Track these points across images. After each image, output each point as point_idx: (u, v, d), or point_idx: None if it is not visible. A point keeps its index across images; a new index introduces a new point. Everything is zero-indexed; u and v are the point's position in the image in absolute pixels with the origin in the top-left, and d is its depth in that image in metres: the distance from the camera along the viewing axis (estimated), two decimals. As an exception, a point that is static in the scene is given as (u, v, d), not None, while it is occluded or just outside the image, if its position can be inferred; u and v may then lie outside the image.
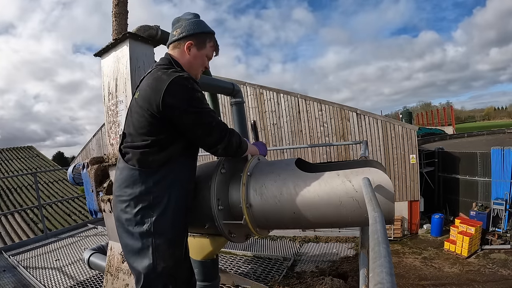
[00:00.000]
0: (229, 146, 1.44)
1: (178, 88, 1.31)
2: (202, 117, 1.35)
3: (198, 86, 1.38)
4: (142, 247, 1.34)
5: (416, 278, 10.17)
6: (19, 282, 3.46)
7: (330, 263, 3.18)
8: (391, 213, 1.24)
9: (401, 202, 13.04)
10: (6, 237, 6.83)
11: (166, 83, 1.29)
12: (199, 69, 1.57)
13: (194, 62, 1.52)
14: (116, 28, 2.29)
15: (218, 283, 2.05)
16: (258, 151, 1.73)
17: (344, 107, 13.56)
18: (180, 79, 1.32)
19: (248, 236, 1.77)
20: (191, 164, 1.51)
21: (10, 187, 10.60)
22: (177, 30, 1.51)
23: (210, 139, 1.40)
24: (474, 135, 24.11)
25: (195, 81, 1.39)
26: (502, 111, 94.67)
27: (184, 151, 1.43)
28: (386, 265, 0.49)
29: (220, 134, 1.40)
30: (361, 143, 3.18)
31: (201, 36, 1.51)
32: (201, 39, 1.51)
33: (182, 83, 1.32)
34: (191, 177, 1.51)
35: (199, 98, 1.35)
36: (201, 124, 1.36)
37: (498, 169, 12.42)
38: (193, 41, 1.49)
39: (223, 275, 2.65)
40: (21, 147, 15.96)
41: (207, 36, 1.53)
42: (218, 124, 1.39)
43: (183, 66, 1.49)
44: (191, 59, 1.51)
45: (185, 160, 1.45)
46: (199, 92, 1.36)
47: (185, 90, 1.33)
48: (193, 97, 1.34)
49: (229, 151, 1.47)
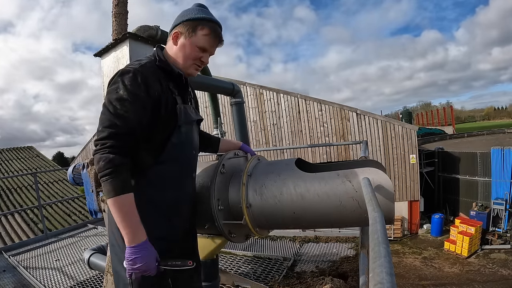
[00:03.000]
0: (95, 161, 1.13)
1: (112, 79, 1.21)
2: (105, 115, 1.16)
3: (143, 83, 1.18)
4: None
5: (416, 278, 10.18)
6: (19, 283, 3.46)
7: (330, 263, 3.18)
8: (391, 213, 1.24)
9: (401, 202, 13.04)
10: (6, 237, 6.82)
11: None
12: (188, 61, 1.34)
13: (181, 52, 1.32)
14: (116, 28, 2.29)
15: (218, 283, 2.05)
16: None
17: (344, 107, 13.56)
18: (123, 70, 1.20)
19: (248, 236, 1.77)
20: (165, 170, 1.30)
21: (10, 187, 10.59)
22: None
23: (96, 140, 1.14)
24: (474, 135, 24.11)
25: (142, 76, 1.19)
26: (502, 111, 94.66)
27: (149, 155, 1.26)
28: (386, 265, 0.49)
29: (101, 144, 1.12)
30: (361, 143, 3.18)
31: (189, 23, 1.30)
32: (189, 27, 1.30)
33: (120, 74, 1.19)
34: (167, 185, 1.31)
35: (120, 96, 1.15)
36: (100, 120, 1.17)
37: (498, 169, 12.42)
38: (180, 30, 1.31)
39: (223, 275, 2.66)
40: (21, 147, 15.96)
41: (198, 22, 1.30)
42: (109, 134, 1.12)
43: (170, 59, 1.34)
44: (177, 50, 1.33)
45: (156, 165, 1.27)
46: (129, 89, 1.16)
47: (114, 83, 1.19)
48: (115, 90, 1.17)
49: (95, 165, 1.14)
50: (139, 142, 1.21)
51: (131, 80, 1.18)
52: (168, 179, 1.32)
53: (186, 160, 1.40)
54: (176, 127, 1.30)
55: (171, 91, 1.31)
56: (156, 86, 1.24)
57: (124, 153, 1.13)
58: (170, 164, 1.31)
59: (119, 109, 1.14)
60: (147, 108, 1.20)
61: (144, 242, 1.12)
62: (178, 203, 1.36)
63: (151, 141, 1.25)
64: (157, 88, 1.24)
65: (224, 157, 1.64)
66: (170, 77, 1.32)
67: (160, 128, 1.26)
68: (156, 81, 1.25)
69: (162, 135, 1.28)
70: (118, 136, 1.13)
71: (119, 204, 1.10)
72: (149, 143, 1.25)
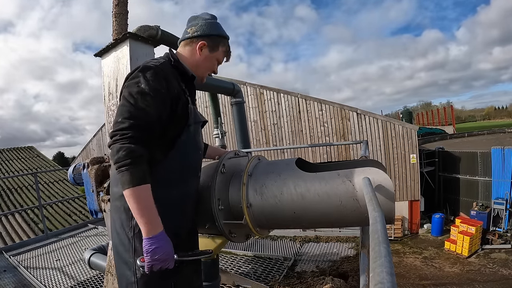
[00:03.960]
0: (112, 151, 1.12)
1: (131, 74, 1.25)
2: (125, 106, 1.17)
3: (164, 80, 1.23)
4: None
5: (416, 277, 10.18)
6: (20, 282, 3.46)
7: (331, 262, 3.18)
8: (391, 213, 1.24)
9: (402, 202, 13.04)
10: (7, 237, 6.82)
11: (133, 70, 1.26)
12: (206, 71, 1.48)
13: (203, 63, 1.44)
14: (116, 28, 2.29)
15: (219, 283, 2.06)
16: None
17: (345, 107, 13.56)
18: (144, 66, 1.24)
19: (249, 236, 1.77)
20: (175, 160, 1.31)
21: (11, 187, 10.59)
22: (192, 28, 1.44)
23: (115, 131, 1.14)
24: (474, 135, 24.09)
25: (163, 73, 1.25)
26: (503, 111, 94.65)
27: (163, 148, 1.27)
28: (386, 264, 0.49)
29: (120, 134, 1.12)
30: (361, 143, 3.17)
31: (215, 39, 1.44)
32: (215, 42, 1.44)
33: (141, 69, 1.23)
34: (176, 175, 1.33)
35: (142, 90, 1.18)
36: (119, 111, 1.18)
37: (499, 168, 12.41)
38: (207, 42, 1.41)
39: (223, 275, 2.66)
40: (21, 147, 15.96)
41: (222, 40, 1.46)
42: (130, 125, 1.13)
43: (188, 64, 1.41)
44: (201, 60, 1.43)
45: (167, 157, 1.29)
46: (151, 84, 1.19)
47: (134, 77, 1.22)
48: (136, 83, 1.20)
49: (111, 155, 1.14)
50: (155, 138, 1.22)
51: (153, 76, 1.21)
52: (176, 177, 1.33)
53: (193, 158, 1.43)
54: (186, 126, 1.33)
55: (184, 91, 1.35)
56: (175, 84, 1.28)
57: (144, 144, 1.13)
58: (179, 161, 1.33)
59: (140, 102, 1.16)
60: (167, 104, 1.23)
61: (161, 232, 1.13)
62: (183, 202, 1.37)
63: (163, 137, 1.27)
64: (176, 86, 1.28)
65: (225, 156, 1.65)
66: (183, 78, 1.37)
67: (174, 125, 1.29)
68: (174, 80, 1.29)
69: (174, 132, 1.30)
70: (139, 127, 1.13)
71: (138, 195, 1.09)
72: (161, 139, 1.26)
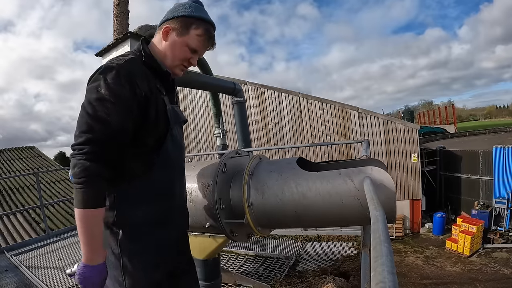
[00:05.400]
0: (72, 166, 1.01)
1: (93, 76, 1.08)
2: (83, 117, 1.03)
3: (127, 82, 1.07)
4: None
5: (418, 277, 10.16)
6: (21, 282, 3.47)
7: (332, 262, 3.18)
8: (392, 212, 1.24)
9: (403, 201, 13.01)
10: (8, 237, 6.84)
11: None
12: (177, 61, 1.24)
13: (170, 51, 1.22)
14: (117, 27, 2.30)
15: (220, 282, 2.06)
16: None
17: (346, 106, 13.54)
18: (105, 66, 1.09)
19: (250, 235, 1.78)
20: (152, 175, 1.19)
21: (12, 187, 10.62)
22: None
23: (73, 146, 1.03)
24: (476, 134, 24.03)
25: (127, 73, 1.08)
26: (504, 110, 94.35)
27: (138, 162, 1.16)
28: (387, 264, 0.49)
29: (78, 149, 1.00)
30: (362, 142, 3.17)
31: (185, 21, 1.20)
32: (182, 24, 1.20)
33: (101, 71, 1.07)
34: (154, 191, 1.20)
35: (101, 96, 1.03)
36: (77, 123, 1.04)
37: (500, 167, 12.38)
38: (173, 25, 1.20)
39: (225, 274, 2.66)
40: (22, 147, 15.98)
41: (195, 21, 1.20)
42: (86, 140, 1.00)
43: (158, 56, 1.23)
44: (167, 47, 1.21)
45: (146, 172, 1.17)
46: (112, 88, 1.04)
47: (94, 81, 1.07)
48: (95, 88, 1.05)
49: (71, 169, 1.02)
50: (125, 149, 1.09)
51: (114, 78, 1.05)
52: (163, 187, 1.23)
53: (179, 162, 1.34)
54: (168, 130, 1.21)
55: (159, 91, 1.20)
56: (144, 85, 1.12)
57: (102, 161, 1.01)
58: (165, 170, 1.22)
59: (99, 111, 1.02)
60: (133, 110, 1.08)
61: (100, 265, 1.05)
62: (171, 213, 1.28)
63: (142, 146, 1.15)
64: (145, 88, 1.12)
65: (226, 156, 1.65)
66: (156, 75, 1.21)
67: (150, 131, 1.16)
68: (144, 80, 1.13)
69: (154, 139, 1.17)
70: (96, 142, 1.01)
71: (86, 218, 1.01)
72: (140, 148, 1.15)
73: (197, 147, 16.27)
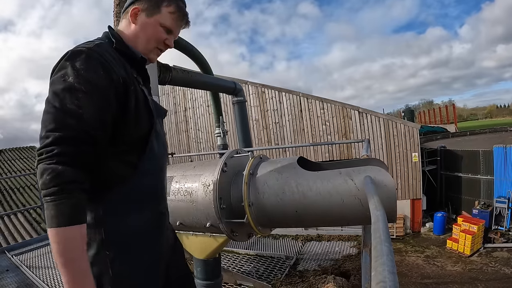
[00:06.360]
0: (39, 174, 0.80)
1: (58, 65, 0.90)
2: (49, 113, 0.84)
3: (101, 66, 0.89)
4: None
5: (418, 276, 10.16)
6: (22, 282, 3.48)
7: (333, 261, 3.18)
8: (393, 212, 1.24)
9: (404, 201, 13.00)
10: (9, 237, 6.86)
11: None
12: (152, 44, 1.10)
13: (142, 33, 1.08)
14: (117, 27, 2.29)
15: (221, 282, 2.06)
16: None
17: (346, 106, 13.54)
18: (73, 51, 0.90)
19: (250, 235, 1.78)
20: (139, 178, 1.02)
21: (13, 187, 10.64)
22: None
23: (38, 150, 0.83)
24: (476, 133, 24.01)
25: (101, 57, 0.91)
26: (505, 109, 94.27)
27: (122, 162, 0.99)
28: (388, 263, 0.49)
29: (45, 153, 0.80)
30: (363, 142, 3.17)
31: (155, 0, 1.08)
32: (152, 2, 1.07)
33: (68, 56, 0.89)
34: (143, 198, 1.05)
35: (70, 85, 0.85)
36: (42, 123, 0.85)
37: (501, 167, 12.37)
38: (141, 6, 1.07)
39: (225, 273, 2.66)
40: (23, 147, 16.00)
41: None
42: (55, 139, 0.81)
43: (128, 41, 1.08)
44: (138, 30, 1.08)
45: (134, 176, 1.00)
46: (84, 75, 0.86)
47: (60, 69, 0.88)
48: (61, 77, 0.86)
49: (39, 178, 0.80)
50: (103, 148, 0.90)
51: (85, 63, 0.88)
52: (151, 192, 1.09)
53: (164, 161, 1.18)
54: (152, 125, 1.05)
55: (137, 80, 1.06)
56: (121, 71, 0.96)
57: (76, 165, 0.81)
58: (152, 171, 1.07)
59: (68, 103, 0.83)
60: (110, 99, 0.90)
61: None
62: (163, 221, 1.17)
63: (122, 144, 0.98)
64: (122, 73, 0.96)
65: (226, 155, 1.65)
66: (131, 62, 1.06)
67: (131, 126, 0.98)
68: (121, 66, 0.98)
69: (136, 136, 1.01)
70: (67, 141, 0.81)
71: (64, 240, 0.77)
72: (119, 147, 0.97)
73: (197, 146, 16.28)
